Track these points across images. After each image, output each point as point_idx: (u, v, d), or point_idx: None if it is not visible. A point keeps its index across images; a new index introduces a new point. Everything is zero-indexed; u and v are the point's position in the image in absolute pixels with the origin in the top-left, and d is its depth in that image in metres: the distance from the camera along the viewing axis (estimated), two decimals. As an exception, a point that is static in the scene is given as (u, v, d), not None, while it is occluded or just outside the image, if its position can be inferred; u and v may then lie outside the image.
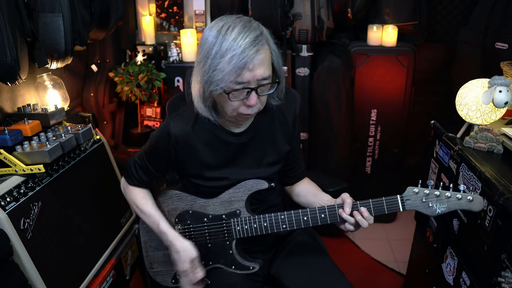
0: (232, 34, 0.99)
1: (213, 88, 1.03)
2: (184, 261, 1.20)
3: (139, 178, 1.30)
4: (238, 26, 1.01)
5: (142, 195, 1.31)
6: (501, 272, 1.05)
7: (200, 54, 1.06)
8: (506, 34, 2.04)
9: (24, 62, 1.25)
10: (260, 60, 1.01)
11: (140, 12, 2.41)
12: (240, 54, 0.98)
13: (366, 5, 2.46)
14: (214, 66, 1.01)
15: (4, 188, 1.17)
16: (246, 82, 1.02)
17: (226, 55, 0.99)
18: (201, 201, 1.29)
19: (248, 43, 0.98)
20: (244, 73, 1.00)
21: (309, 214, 1.18)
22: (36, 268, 1.18)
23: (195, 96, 1.13)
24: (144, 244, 1.38)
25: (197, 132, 1.20)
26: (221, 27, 1.02)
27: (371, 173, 2.73)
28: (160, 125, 1.26)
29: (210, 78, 1.02)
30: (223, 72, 0.99)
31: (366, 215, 1.12)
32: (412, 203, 1.09)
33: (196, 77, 1.09)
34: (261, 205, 1.33)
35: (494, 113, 1.29)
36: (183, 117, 1.22)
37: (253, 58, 0.99)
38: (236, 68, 0.98)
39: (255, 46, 0.99)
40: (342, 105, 2.44)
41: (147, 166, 1.27)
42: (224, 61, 0.99)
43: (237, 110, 1.09)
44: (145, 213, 1.29)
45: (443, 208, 1.07)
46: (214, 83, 1.02)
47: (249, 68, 1.00)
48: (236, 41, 0.98)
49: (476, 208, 1.05)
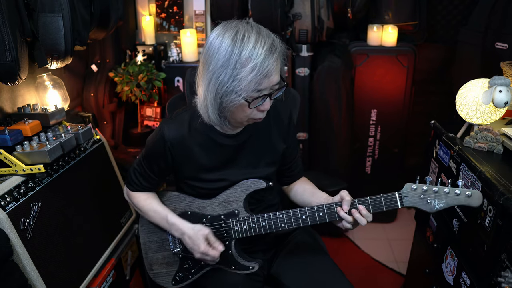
0: (250, 42, 0.98)
1: (233, 98, 1.02)
2: (200, 241, 1.20)
3: (140, 184, 1.31)
4: (253, 34, 1.00)
5: (145, 197, 1.32)
6: (501, 272, 1.05)
7: (212, 63, 1.02)
8: (506, 34, 2.04)
9: (24, 62, 1.25)
10: (276, 66, 1.03)
11: (140, 12, 2.41)
12: (261, 63, 0.98)
13: (366, 5, 2.46)
14: (234, 76, 0.99)
15: (4, 188, 1.17)
16: (264, 89, 1.03)
17: (247, 64, 0.98)
18: (200, 202, 1.29)
19: (267, 50, 0.99)
20: (264, 81, 1.01)
21: (307, 212, 1.18)
22: (36, 268, 1.18)
23: (207, 107, 1.08)
24: (143, 246, 1.38)
25: (192, 135, 1.20)
26: (235, 35, 0.99)
27: (371, 173, 2.73)
28: (155, 131, 1.25)
29: (229, 88, 1.01)
30: (245, 81, 0.99)
31: (364, 213, 1.11)
32: (410, 200, 1.09)
33: (206, 87, 1.05)
34: (260, 205, 1.34)
35: (494, 113, 1.29)
36: (177, 120, 1.22)
37: (273, 65, 1.00)
38: (258, 77, 0.98)
39: (274, 54, 1.00)
40: (342, 105, 2.44)
41: (146, 172, 1.28)
42: (245, 71, 0.98)
43: (249, 116, 1.09)
44: (152, 211, 1.30)
45: (441, 204, 1.07)
46: (234, 93, 1.01)
47: (268, 76, 1.01)
48: (255, 49, 0.98)
49: (475, 204, 1.05)
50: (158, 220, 1.30)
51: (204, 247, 1.19)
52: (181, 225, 1.25)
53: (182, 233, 1.24)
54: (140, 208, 1.33)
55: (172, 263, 1.35)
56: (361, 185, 2.67)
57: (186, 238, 1.24)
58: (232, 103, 1.03)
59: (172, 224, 1.26)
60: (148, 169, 1.28)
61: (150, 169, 1.28)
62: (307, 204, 1.31)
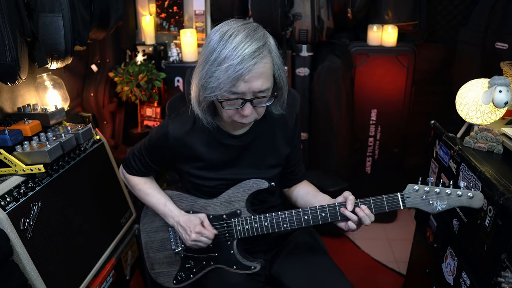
0: (233, 42, 0.97)
1: (207, 94, 1.03)
2: (195, 222, 1.22)
3: (138, 169, 1.33)
4: (241, 34, 0.98)
5: (144, 181, 1.35)
6: (501, 272, 1.05)
7: (201, 57, 1.05)
8: (506, 34, 2.04)
9: (24, 62, 1.25)
10: (258, 72, 0.99)
11: (140, 12, 2.41)
12: (236, 65, 0.95)
13: (366, 5, 2.46)
14: (211, 72, 0.99)
15: (4, 188, 1.17)
16: (241, 93, 1.00)
17: (223, 63, 0.97)
18: (202, 202, 1.29)
19: (247, 54, 0.96)
20: (239, 84, 0.98)
21: (309, 213, 1.18)
22: (36, 268, 1.18)
23: (192, 97, 1.12)
24: (145, 246, 1.38)
25: (196, 134, 1.21)
26: (224, 33, 0.99)
27: (371, 173, 2.73)
28: (159, 124, 1.27)
29: (205, 83, 1.02)
30: (218, 80, 0.98)
31: (367, 212, 1.11)
32: (412, 201, 1.09)
33: (195, 79, 1.09)
34: (262, 206, 1.34)
35: (494, 113, 1.29)
36: (182, 118, 1.22)
37: (250, 70, 0.96)
38: (231, 78, 0.97)
39: (254, 58, 0.97)
40: (342, 105, 2.44)
41: (146, 160, 1.31)
42: (220, 70, 0.97)
43: (232, 117, 1.08)
44: (151, 195, 1.32)
45: (443, 205, 1.07)
46: (209, 89, 1.01)
47: (245, 79, 0.97)
48: (235, 50, 0.96)
49: (476, 205, 1.05)
50: (155, 204, 1.32)
51: (199, 228, 1.21)
52: (177, 212, 1.27)
53: (177, 220, 1.26)
54: (137, 190, 1.36)
55: (173, 263, 1.35)
56: (361, 185, 2.67)
57: (181, 223, 1.25)
58: (206, 99, 1.05)
59: (169, 210, 1.28)
60: (147, 157, 1.30)
61: (149, 158, 1.30)
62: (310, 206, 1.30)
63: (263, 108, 1.09)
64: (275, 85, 1.10)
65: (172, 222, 1.28)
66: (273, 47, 1.04)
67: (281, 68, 1.08)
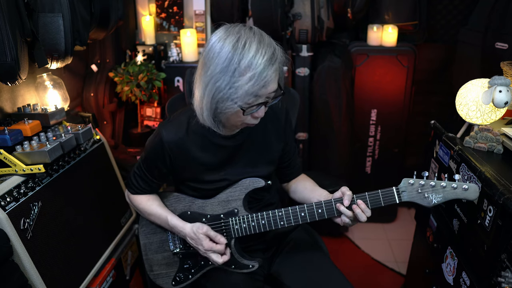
0: (250, 51, 0.97)
1: (229, 105, 1.02)
2: (201, 240, 1.21)
3: (140, 187, 1.32)
4: (255, 42, 0.99)
5: (146, 198, 1.33)
6: (501, 272, 1.05)
7: (211, 68, 1.01)
8: (506, 34, 2.04)
9: (24, 62, 1.25)
10: (275, 75, 1.02)
11: (140, 12, 2.41)
12: (260, 73, 0.97)
13: (366, 5, 2.46)
14: (231, 84, 0.99)
15: (4, 188, 1.17)
16: (260, 97, 1.03)
17: (245, 73, 0.98)
18: (199, 202, 1.29)
19: (267, 61, 0.98)
20: (262, 90, 1.01)
21: (306, 209, 1.18)
22: (36, 268, 1.18)
23: (202, 109, 1.09)
24: (143, 247, 1.38)
25: (190, 137, 1.20)
26: (236, 42, 0.98)
27: (371, 173, 2.73)
28: (152, 134, 1.26)
29: (225, 95, 1.01)
30: (242, 90, 0.99)
31: (363, 207, 1.12)
32: (408, 195, 1.10)
33: (206, 92, 1.04)
34: (258, 203, 1.34)
35: (494, 113, 1.29)
36: (175, 123, 1.22)
37: (271, 76, 1.00)
38: (256, 87, 0.99)
39: (273, 65, 1.00)
40: (342, 105, 2.44)
41: (146, 175, 1.29)
42: (243, 80, 0.98)
43: (243, 121, 1.10)
44: (153, 214, 1.31)
45: (439, 198, 1.07)
46: (230, 100, 1.01)
47: (266, 86, 1.00)
48: (255, 59, 0.97)
49: (471, 197, 1.06)
50: (160, 223, 1.31)
51: (207, 244, 1.20)
52: (182, 226, 1.25)
53: (184, 234, 1.25)
54: (141, 210, 1.34)
55: (172, 264, 1.35)
56: (361, 185, 2.67)
57: (189, 240, 1.25)
58: (227, 110, 1.03)
59: (173, 226, 1.27)
60: (147, 172, 1.28)
61: (149, 172, 1.28)
62: (308, 201, 1.31)
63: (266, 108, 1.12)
64: None
65: (182, 236, 1.28)
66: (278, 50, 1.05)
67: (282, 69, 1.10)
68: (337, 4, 2.40)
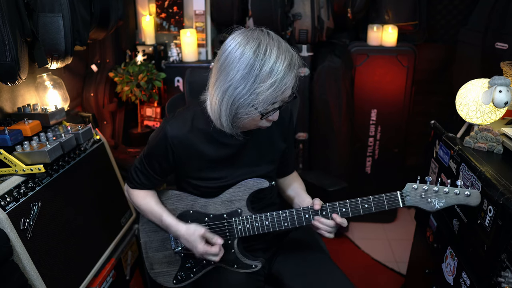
0: (271, 57, 0.99)
1: (249, 110, 1.04)
2: (197, 243, 1.20)
3: (140, 182, 1.31)
4: (275, 48, 1.00)
5: (143, 195, 1.33)
6: (501, 272, 1.05)
7: (230, 73, 1.01)
8: (506, 34, 2.04)
9: (24, 62, 1.25)
10: (294, 82, 1.04)
11: (140, 12, 2.41)
12: (280, 80, 0.99)
13: (366, 5, 2.46)
14: (252, 90, 1.00)
15: (4, 188, 1.17)
16: (277, 103, 1.05)
17: (267, 80, 0.99)
18: (202, 201, 1.29)
19: (287, 67, 1.00)
20: (280, 96, 1.03)
21: (310, 212, 1.19)
22: (36, 268, 1.18)
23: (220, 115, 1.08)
24: (144, 245, 1.38)
25: (194, 134, 1.21)
26: (257, 47, 0.99)
27: (371, 173, 2.73)
28: (156, 129, 1.26)
29: (246, 101, 1.02)
30: (263, 96, 1.00)
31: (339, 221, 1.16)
32: (411, 199, 1.11)
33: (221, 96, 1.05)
34: (260, 203, 1.34)
35: (494, 113, 1.29)
36: (180, 119, 1.22)
37: (292, 83, 1.02)
38: (276, 93, 1.00)
39: (293, 71, 1.02)
40: (342, 105, 2.44)
41: (147, 170, 1.28)
42: (264, 86, 0.99)
43: (258, 125, 1.12)
44: (148, 211, 1.31)
45: (441, 203, 1.09)
46: (251, 106, 1.02)
47: (286, 92, 1.03)
48: (276, 65, 0.99)
49: (473, 203, 1.07)
50: (154, 220, 1.32)
51: (202, 248, 1.19)
52: (176, 226, 1.25)
53: (178, 235, 1.25)
54: (138, 206, 1.34)
55: (173, 262, 1.35)
56: (361, 185, 2.67)
57: (183, 241, 1.24)
58: (247, 115, 1.05)
59: (167, 225, 1.26)
60: (149, 167, 1.28)
61: (151, 167, 1.28)
62: (291, 202, 1.38)
63: None
64: None
65: (175, 236, 1.28)
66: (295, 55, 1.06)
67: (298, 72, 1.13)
68: (337, 4, 2.40)
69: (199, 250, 1.20)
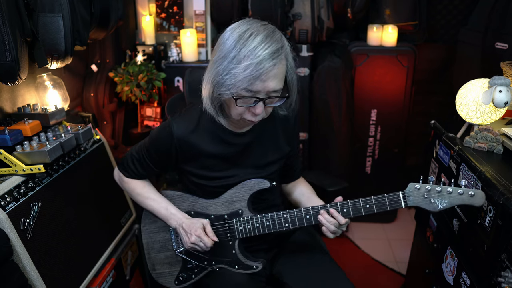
0: (253, 42, 0.98)
1: (223, 91, 1.03)
2: (197, 226, 1.22)
3: (136, 171, 1.32)
4: (261, 35, 0.99)
5: (142, 185, 1.34)
6: (501, 272, 1.05)
7: (217, 54, 1.05)
8: (506, 34, 2.04)
9: (24, 62, 1.25)
10: (275, 73, 1.01)
11: (140, 12, 2.41)
12: (256, 64, 0.97)
13: (366, 5, 2.46)
14: (228, 69, 1.00)
15: (4, 188, 1.17)
16: (256, 92, 1.02)
17: (242, 62, 0.98)
18: (203, 202, 1.29)
19: (267, 54, 0.98)
20: (256, 83, 1.00)
21: (311, 212, 1.19)
22: (36, 268, 1.18)
23: (205, 94, 1.12)
24: (146, 246, 1.38)
25: (200, 133, 1.21)
26: (243, 32, 1.00)
27: (371, 173, 2.73)
28: (161, 125, 1.26)
29: (221, 80, 1.02)
30: (236, 78, 0.99)
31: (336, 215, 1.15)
32: (414, 199, 1.09)
33: (208, 76, 1.08)
34: (262, 204, 1.34)
35: (494, 113, 1.29)
36: (186, 118, 1.23)
37: (268, 70, 0.99)
38: (249, 77, 0.98)
39: (273, 60, 0.99)
40: (342, 105, 2.44)
41: (147, 162, 1.29)
42: (239, 68, 0.99)
43: (242, 115, 1.09)
44: (151, 199, 1.31)
45: (445, 203, 1.07)
46: (225, 86, 1.02)
47: (262, 79, 1.00)
48: (256, 50, 0.98)
49: (477, 203, 1.05)
50: (156, 208, 1.30)
51: (200, 232, 1.20)
52: (181, 215, 1.27)
53: (181, 222, 1.25)
54: (135, 195, 1.34)
55: (175, 263, 1.35)
56: (361, 185, 2.67)
57: (183, 226, 1.24)
58: (221, 95, 1.05)
59: (172, 213, 1.27)
60: (148, 159, 1.29)
61: (150, 159, 1.29)
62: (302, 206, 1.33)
63: (271, 108, 1.12)
64: (285, 86, 1.12)
65: (175, 225, 1.27)
66: (288, 50, 1.06)
67: (294, 70, 1.11)
68: (337, 4, 2.40)
69: (197, 232, 1.20)
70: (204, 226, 1.23)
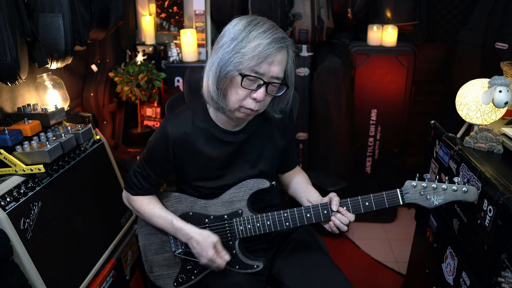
0: (262, 27, 1.05)
1: (230, 69, 1.05)
2: (208, 248, 1.20)
3: (141, 186, 1.29)
4: (268, 24, 1.06)
5: (147, 201, 1.31)
6: (501, 272, 1.05)
7: (222, 40, 1.08)
8: (506, 34, 2.04)
9: (24, 62, 1.25)
10: (280, 60, 1.06)
11: (140, 12, 2.41)
12: (266, 44, 1.02)
13: (366, 5, 2.46)
14: (238, 49, 1.04)
15: (4, 188, 1.17)
16: (261, 74, 1.06)
17: (252, 42, 1.03)
18: (202, 202, 1.29)
19: (276, 38, 1.04)
20: (263, 64, 1.04)
21: (312, 211, 1.19)
22: (36, 268, 1.18)
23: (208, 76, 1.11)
24: (143, 248, 1.36)
25: (195, 132, 1.21)
26: (251, 20, 1.06)
27: (371, 173, 2.73)
28: (157, 129, 1.25)
29: (230, 59, 1.05)
30: (245, 56, 1.03)
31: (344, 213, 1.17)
32: (411, 196, 1.13)
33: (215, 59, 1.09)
34: (261, 203, 1.34)
35: (494, 113, 1.29)
36: (180, 118, 1.23)
37: (276, 53, 1.04)
38: (258, 56, 1.03)
39: (281, 43, 1.05)
40: (342, 105, 2.44)
41: (148, 172, 1.27)
42: (249, 47, 1.03)
43: (241, 101, 1.10)
44: (156, 216, 1.28)
45: (440, 200, 1.11)
46: (233, 64, 1.05)
47: (269, 61, 1.04)
48: (265, 33, 1.03)
49: (470, 199, 1.09)
50: (163, 225, 1.28)
51: (212, 254, 1.19)
52: (189, 229, 1.24)
53: (189, 237, 1.23)
54: (142, 213, 1.31)
55: (173, 265, 1.34)
56: (361, 185, 2.67)
57: (194, 243, 1.22)
58: (229, 74, 1.06)
59: (179, 228, 1.25)
60: (149, 169, 1.26)
61: (152, 169, 1.26)
62: (299, 199, 1.36)
63: (269, 99, 1.15)
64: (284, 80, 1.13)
65: (185, 240, 1.26)
66: (291, 44, 1.11)
67: (294, 64, 1.14)
68: (337, 4, 2.40)
69: (209, 255, 1.19)
70: (215, 245, 1.21)
